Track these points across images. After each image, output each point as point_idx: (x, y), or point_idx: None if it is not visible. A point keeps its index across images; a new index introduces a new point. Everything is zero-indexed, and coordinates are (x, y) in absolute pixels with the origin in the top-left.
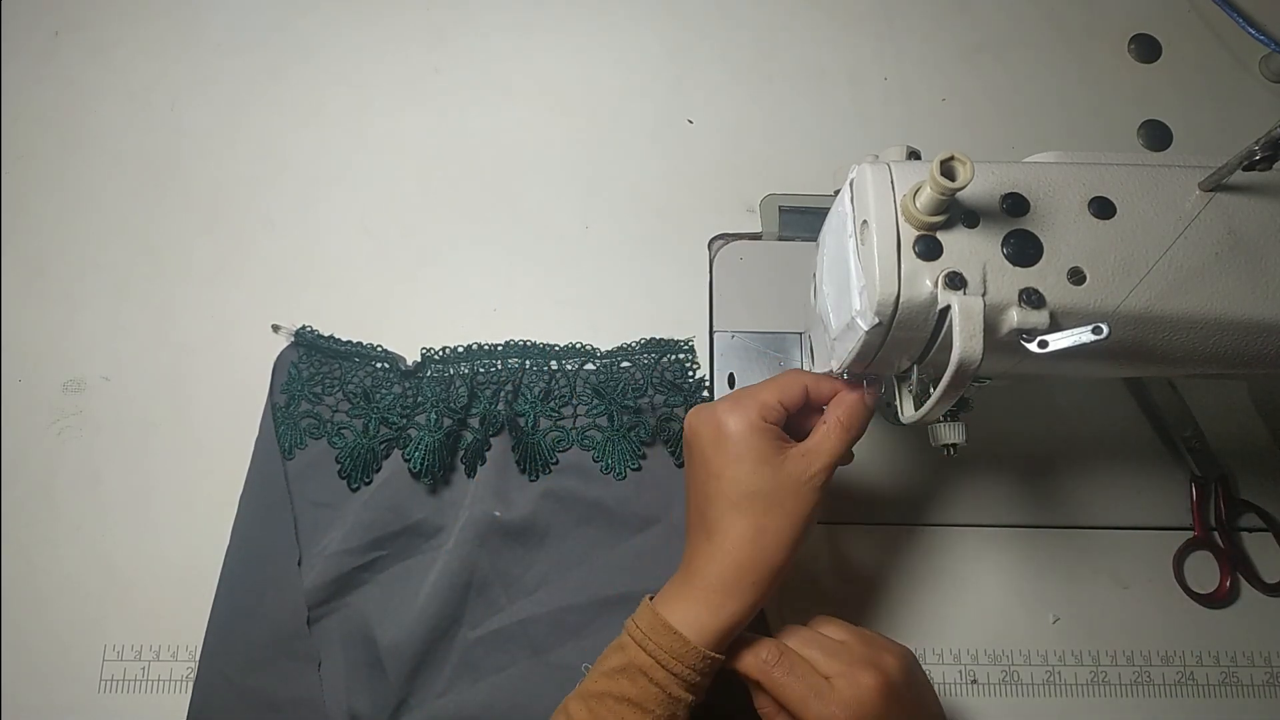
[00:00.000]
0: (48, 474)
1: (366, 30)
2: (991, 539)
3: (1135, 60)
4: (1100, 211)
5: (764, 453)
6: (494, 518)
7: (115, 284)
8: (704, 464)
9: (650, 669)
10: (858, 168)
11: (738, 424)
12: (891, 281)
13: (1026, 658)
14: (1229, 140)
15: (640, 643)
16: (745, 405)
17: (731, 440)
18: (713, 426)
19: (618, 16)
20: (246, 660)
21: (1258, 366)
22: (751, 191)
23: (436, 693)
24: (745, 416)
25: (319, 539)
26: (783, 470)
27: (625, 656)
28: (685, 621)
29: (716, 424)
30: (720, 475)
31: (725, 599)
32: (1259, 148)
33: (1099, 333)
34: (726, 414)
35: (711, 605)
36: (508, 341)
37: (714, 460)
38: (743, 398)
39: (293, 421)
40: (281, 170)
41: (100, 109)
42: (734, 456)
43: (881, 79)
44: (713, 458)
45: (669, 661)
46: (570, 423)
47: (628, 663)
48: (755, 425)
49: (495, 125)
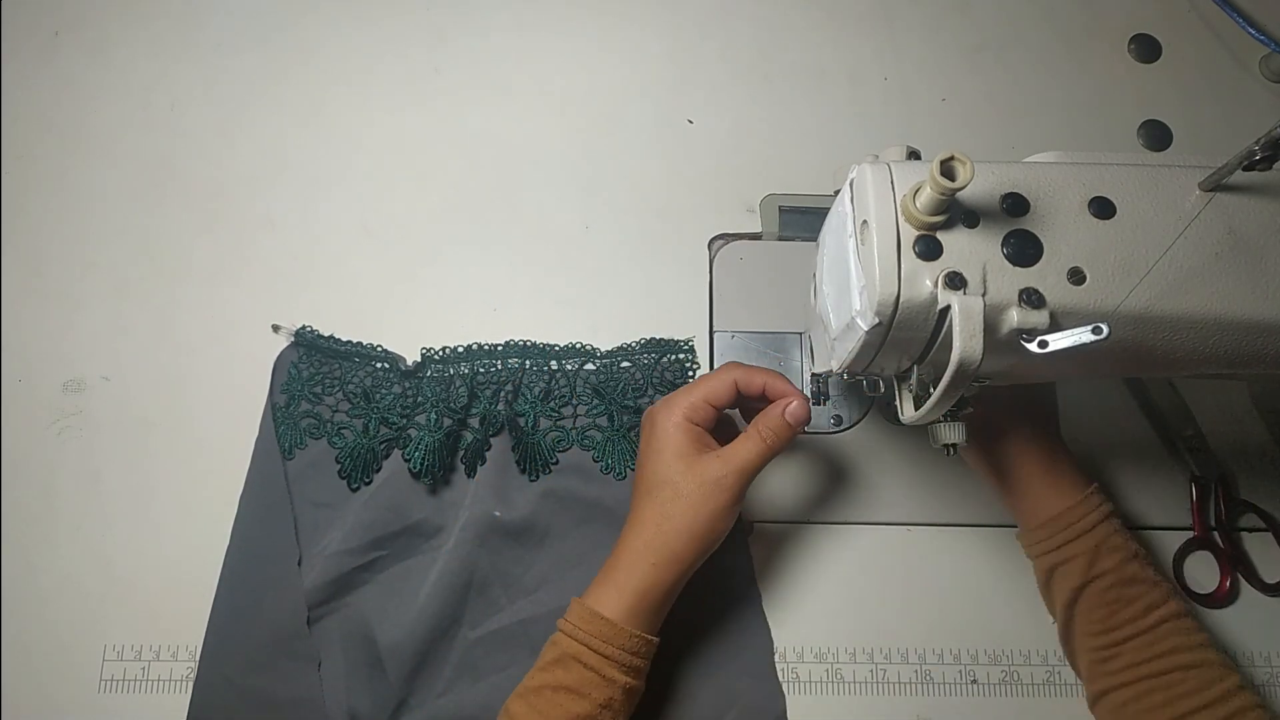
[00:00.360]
0: (48, 474)
1: (366, 30)
2: (991, 539)
3: (1135, 60)
4: (1100, 211)
5: (681, 448)
6: (494, 518)
7: (115, 284)
8: (638, 456)
9: (581, 654)
10: (858, 168)
11: (663, 420)
12: (891, 281)
13: (1026, 658)
14: (1229, 140)
15: (570, 633)
16: (673, 404)
17: (656, 434)
18: (647, 422)
19: (618, 16)
20: (246, 660)
21: (1258, 366)
22: (751, 191)
23: (436, 693)
24: (670, 415)
25: (319, 539)
26: (696, 466)
27: (559, 649)
28: (604, 604)
29: (649, 419)
30: (642, 465)
31: (628, 577)
32: (1259, 148)
33: (1099, 333)
34: (658, 411)
35: (618, 584)
36: (508, 341)
37: (642, 452)
38: (675, 397)
39: (293, 421)
40: (281, 170)
41: (100, 109)
42: (655, 449)
43: (881, 79)
44: (642, 450)
45: (599, 645)
46: (570, 423)
47: (561, 654)
48: (678, 423)
49: (495, 125)
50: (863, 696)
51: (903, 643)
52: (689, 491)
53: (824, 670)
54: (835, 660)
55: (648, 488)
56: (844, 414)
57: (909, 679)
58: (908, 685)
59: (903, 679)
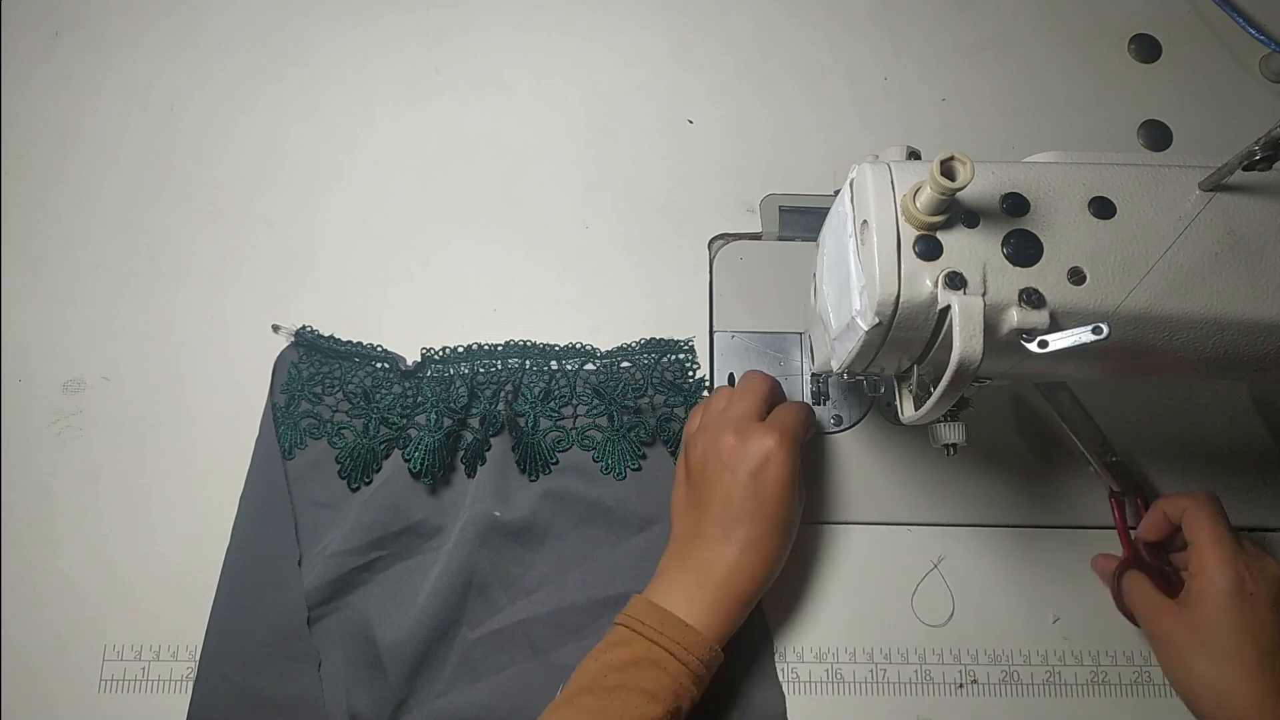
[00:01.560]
0: (48, 474)
1: (366, 30)
2: (991, 539)
3: (1135, 60)
4: (1100, 211)
5: (796, 484)
6: (494, 518)
7: (115, 284)
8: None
9: (664, 660)
10: (858, 168)
11: (791, 459)
12: (891, 281)
13: (1026, 658)
14: (1229, 140)
15: (652, 637)
16: (793, 442)
17: (787, 471)
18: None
19: (618, 16)
20: (247, 660)
21: (1258, 366)
22: (751, 191)
23: (436, 693)
24: (794, 453)
25: (319, 539)
26: (801, 500)
27: (634, 650)
28: (696, 618)
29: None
30: (770, 498)
31: (742, 608)
32: (1259, 148)
33: (1099, 333)
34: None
35: (727, 611)
36: (508, 341)
37: (770, 481)
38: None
39: (293, 422)
40: (281, 170)
41: (100, 109)
42: (787, 482)
43: (881, 79)
44: (769, 481)
45: (682, 653)
46: (570, 423)
47: (640, 655)
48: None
49: (495, 125)
50: (863, 696)
51: (903, 643)
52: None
53: (824, 670)
54: (835, 660)
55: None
56: (844, 414)
57: (909, 679)
58: (908, 685)
59: (903, 679)
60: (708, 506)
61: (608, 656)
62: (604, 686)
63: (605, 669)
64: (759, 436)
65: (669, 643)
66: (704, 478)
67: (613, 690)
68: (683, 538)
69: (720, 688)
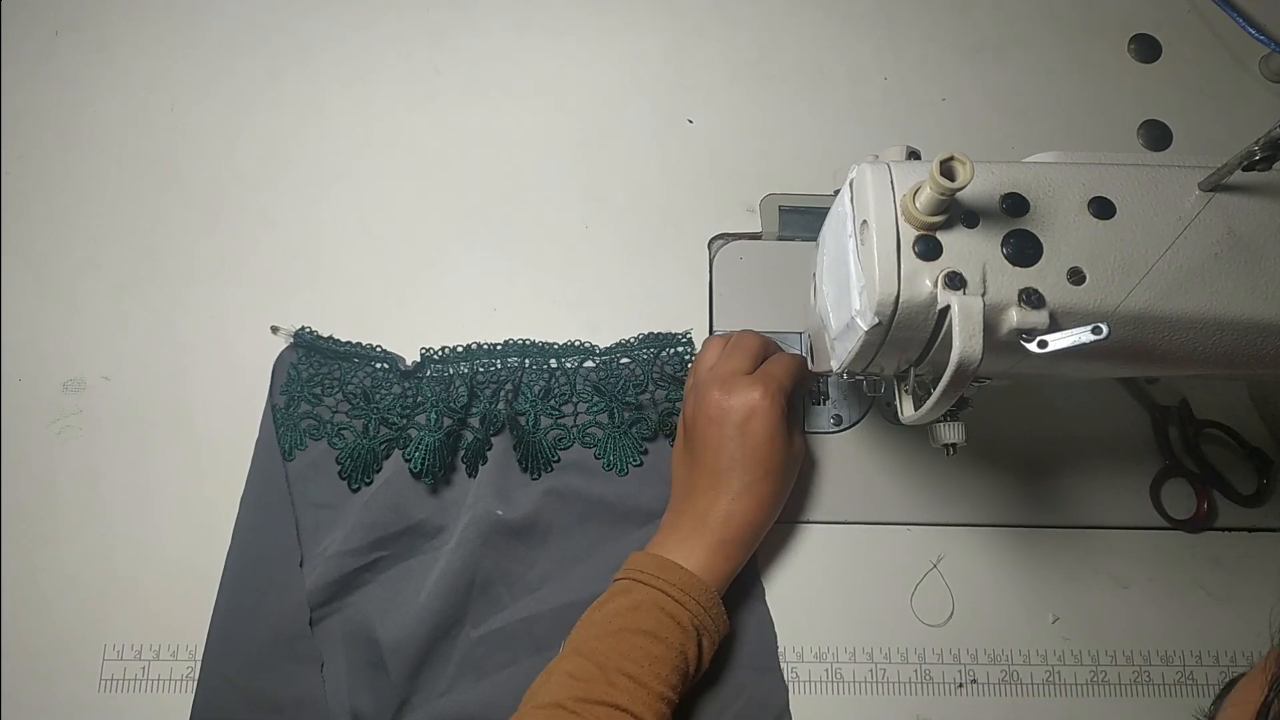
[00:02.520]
0: (48, 474)
1: (366, 30)
2: (991, 539)
3: (1135, 60)
4: (1100, 211)
5: (786, 430)
6: (496, 516)
7: (115, 284)
8: (744, 433)
9: (664, 603)
10: (858, 168)
11: (777, 408)
12: (891, 281)
13: (1026, 658)
14: (1229, 140)
15: (650, 582)
16: (778, 392)
17: (773, 420)
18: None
19: (618, 16)
20: (248, 662)
21: (1258, 366)
22: (751, 191)
23: (439, 692)
24: (780, 403)
25: (320, 540)
26: (793, 445)
27: (634, 597)
28: (693, 564)
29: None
30: (759, 446)
31: (739, 551)
32: (1259, 148)
33: (1099, 333)
34: (773, 398)
35: (724, 554)
36: (507, 341)
37: (757, 431)
38: (776, 389)
39: (293, 423)
40: (282, 170)
41: (100, 109)
42: (774, 430)
43: (881, 79)
44: (755, 432)
45: (680, 595)
46: (571, 420)
47: (640, 600)
48: (784, 410)
49: (495, 125)
50: (863, 696)
51: (903, 643)
52: (793, 471)
53: (824, 670)
54: (835, 660)
55: (769, 469)
56: (844, 414)
57: (909, 679)
58: (908, 685)
59: (903, 679)
60: (700, 460)
61: (610, 606)
62: (608, 632)
63: (607, 618)
64: (744, 390)
65: (667, 585)
66: (695, 433)
67: (617, 634)
68: (679, 493)
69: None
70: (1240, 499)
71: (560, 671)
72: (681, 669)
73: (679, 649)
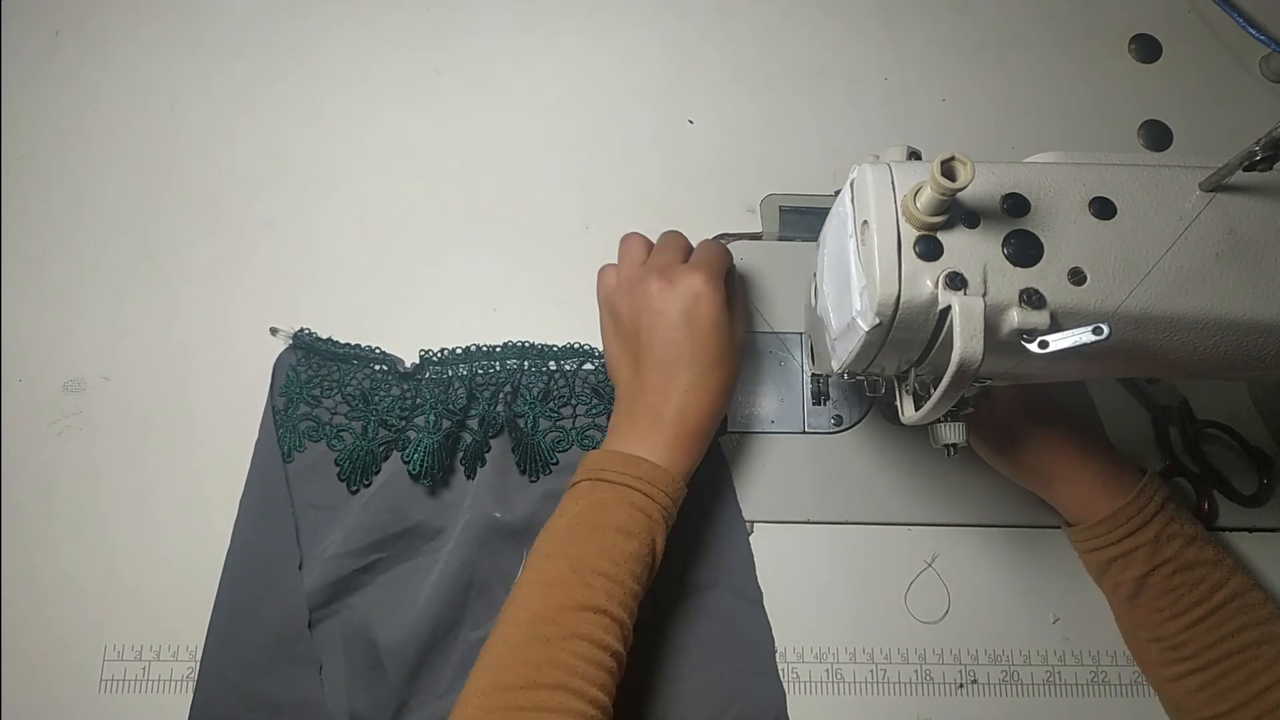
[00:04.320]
0: (48, 474)
1: (366, 30)
2: (992, 539)
3: (1135, 60)
4: (1100, 212)
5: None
6: (495, 519)
7: (115, 284)
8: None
9: (634, 498)
10: (858, 168)
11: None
12: (892, 282)
13: (1026, 658)
14: (1229, 140)
15: (618, 480)
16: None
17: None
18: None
19: (618, 16)
20: (247, 664)
21: (1258, 366)
22: (751, 191)
23: (438, 694)
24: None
25: (319, 541)
26: (736, 331)
27: (600, 495)
28: (659, 459)
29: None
30: (706, 334)
31: (698, 443)
32: (1259, 148)
33: (1099, 333)
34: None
35: (685, 448)
36: (506, 343)
37: (704, 318)
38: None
39: (292, 424)
40: (281, 171)
41: (100, 109)
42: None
43: (881, 79)
44: (701, 318)
45: (650, 489)
46: (570, 423)
47: (607, 498)
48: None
49: (495, 125)
50: (863, 696)
51: (903, 643)
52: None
53: (824, 670)
54: (835, 660)
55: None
56: (844, 414)
57: (909, 679)
58: (908, 685)
59: (903, 679)
60: (648, 353)
61: (575, 509)
62: (580, 534)
63: (574, 520)
64: (685, 277)
65: (636, 480)
66: (638, 327)
67: (589, 533)
68: (627, 393)
69: (722, 684)
70: (1241, 499)
71: (533, 582)
72: (648, 563)
73: (649, 543)
